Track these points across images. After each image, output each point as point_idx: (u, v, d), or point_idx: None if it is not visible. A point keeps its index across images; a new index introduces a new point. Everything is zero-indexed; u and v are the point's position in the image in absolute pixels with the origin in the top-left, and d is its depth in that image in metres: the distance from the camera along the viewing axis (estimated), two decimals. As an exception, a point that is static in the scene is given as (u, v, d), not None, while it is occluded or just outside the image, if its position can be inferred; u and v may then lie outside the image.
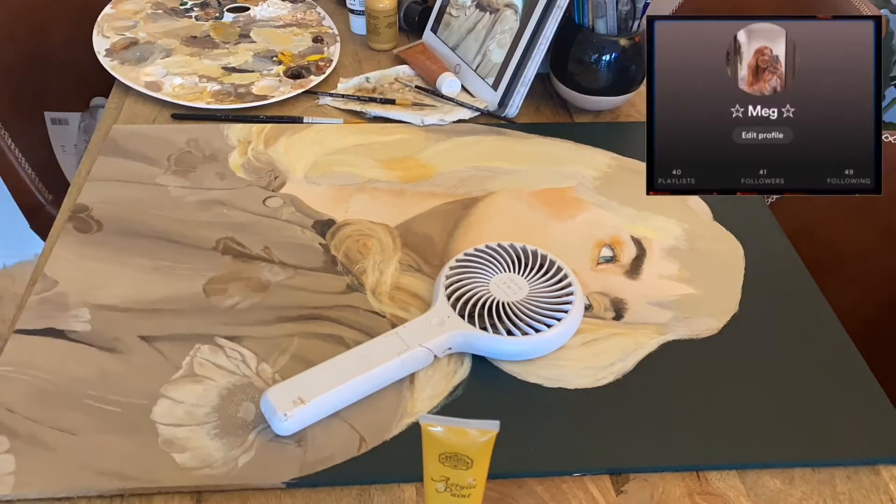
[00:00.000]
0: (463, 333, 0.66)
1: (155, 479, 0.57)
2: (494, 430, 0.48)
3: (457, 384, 0.65)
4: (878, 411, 0.65)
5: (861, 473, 0.61)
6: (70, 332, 0.67)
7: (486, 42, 0.99)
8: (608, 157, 0.92)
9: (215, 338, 0.67)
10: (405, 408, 0.63)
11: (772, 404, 0.65)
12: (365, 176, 0.87)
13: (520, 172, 0.89)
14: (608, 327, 0.71)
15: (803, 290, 0.76)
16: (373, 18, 1.10)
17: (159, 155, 0.88)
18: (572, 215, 0.83)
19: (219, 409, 0.61)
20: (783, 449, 0.62)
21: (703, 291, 0.75)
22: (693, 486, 0.59)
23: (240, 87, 0.99)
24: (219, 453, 0.58)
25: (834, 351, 0.70)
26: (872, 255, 0.91)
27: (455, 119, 0.96)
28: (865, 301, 0.89)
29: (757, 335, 0.71)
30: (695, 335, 0.71)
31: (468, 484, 0.50)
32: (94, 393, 0.62)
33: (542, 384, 0.65)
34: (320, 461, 0.58)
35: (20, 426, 0.59)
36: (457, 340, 0.66)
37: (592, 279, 0.75)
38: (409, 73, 1.06)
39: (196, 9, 1.16)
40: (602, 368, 0.67)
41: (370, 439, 0.60)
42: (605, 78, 0.97)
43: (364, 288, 0.73)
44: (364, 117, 0.97)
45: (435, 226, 0.80)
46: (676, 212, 0.84)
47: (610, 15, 0.95)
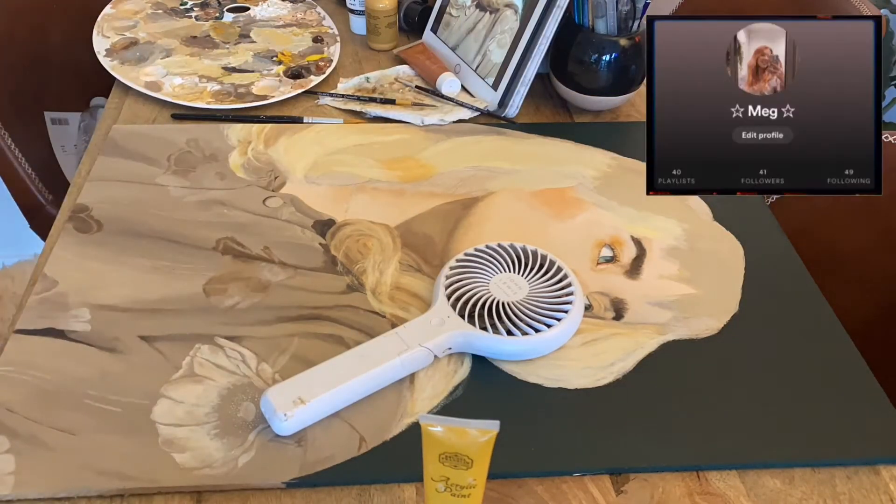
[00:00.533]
0: (463, 333, 0.66)
1: (155, 479, 0.57)
2: (494, 430, 0.48)
3: (457, 384, 0.65)
4: (878, 411, 0.65)
5: (861, 473, 0.61)
6: (70, 332, 0.67)
7: (486, 42, 0.99)
8: (608, 157, 0.92)
9: (215, 338, 0.67)
10: (405, 408, 0.63)
11: (772, 404, 0.65)
12: (365, 176, 0.87)
13: (520, 172, 0.89)
14: (608, 327, 0.71)
15: (803, 290, 0.76)
16: (373, 18, 1.10)
17: (159, 155, 0.88)
18: (572, 215, 0.83)
19: (219, 409, 0.61)
20: (783, 449, 0.62)
21: (703, 291, 0.75)
22: (693, 486, 0.59)
23: (240, 87, 0.99)
24: (219, 453, 0.58)
25: (834, 351, 0.70)
26: (872, 254, 0.91)
27: (455, 119, 0.96)
28: (865, 301, 0.89)
29: (757, 335, 0.71)
30: (695, 335, 0.71)
31: (468, 484, 0.50)
32: (94, 393, 0.62)
33: (542, 384, 0.65)
34: (320, 461, 0.58)
35: (20, 426, 0.59)
36: (457, 340, 0.66)
37: (592, 279, 0.75)
38: (409, 73, 1.06)
39: (196, 9, 1.16)
40: (602, 368, 0.67)
41: (370, 439, 0.60)
42: (605, 78, 0.97)
43: (364, 288, 0.73)
44: (364, 117, 0.97)
45: (435, 226, 0.80)
46: (676, 212, 0.84)
47: (610, 15, 0.95)
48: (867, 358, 0.70)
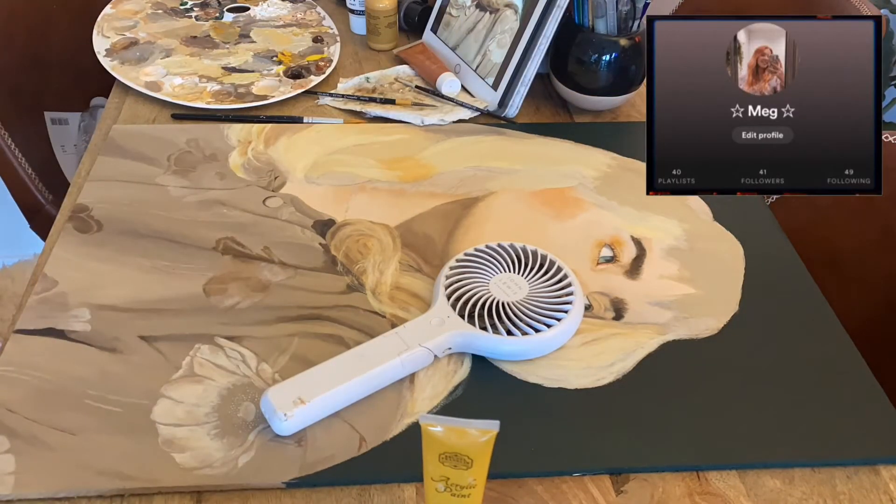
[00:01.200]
0: (463, 333, 0.66)
1: (155, 479, 0.57)
2: (494, 430, 0.48)
3: (457, 384, 0.65)
4: (878, 411, 0.65)
5: (861, 473, 0.61)
6: (70, 332, 0.67)
7: (486, 42, 0.99)
8: (608, 157, 0.92)
9: (215, 338, 0.67)
10: (405, 408, 0.63)
11: (771, 404, 0.65)
12: (365, 176, 0.87)
13: (520, 172, 0.89)
14: (608, 327, 0.71)
15: (803, 290, 0.76)
16: (373, 18, 1.10)
17: (159, 155, 0.88)
18: (572, 215, 0.83)
19: (219, 409, 0.61)
20: (783, 449, 0.62)
21: (704, 291, 0.75)
22: (693, 486, 0.59)
23: (240, 87, 0.99)
24: (219, 453, 0.58)
25: (834, 351, 0.70)
26: (872, 255, 0.91)
27: (455, 119, 0.96)
28: (865, 301, 0.89)
29: (757, 335, 0.71)
30: (695, 335, 0.71)
31: (468, 484, 0.50)
32: (94, 393, 0.62)
33: (542, 384, 0.65)
34: (320, 461, 0.58)
35: (20, 426, 0.59)
36: (457, 340, 0.66)
37: (592, 279, 0.75)
38: (409, 74, 1.06)
39: (196, 9, 1.16)
40: (602, 368, 0.67)
41: (370, 439, 0.60)
42: (605, 78, 0.97)
43: (364, 288, 0.73)
44: (364, 117, 0.97)
45: (435, 226, 0.80)
46: (676, 212, 0.84)
47: (610, 15, 0.95)
48: (867, 358, 0.70)
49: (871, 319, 0.86)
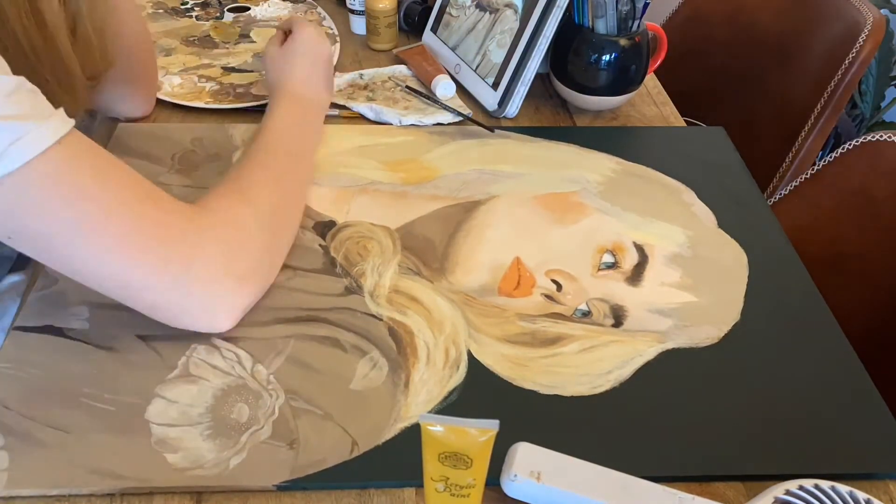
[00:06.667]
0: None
1: (147, 479, 0.57)
2: (494, 430, 0.49)
3: (451, 389, 0.64)
4: (880, 425, 0.64)
5: (862, 485, 0.60)
6: (68, 330, 0.67)
7: (485, 42, 0.98)
8: (613, 161, 0.91)
9: (211, 338, 0.67)
10: (399, 412, 0.62)
11: (772, 416, 0.64)
12: (368, 177, 0.87)
13: (524, 176, 0.88)
14: (607, 334, 0.70)
15: (807, 300, 0.75)
16: (373, 18, 1.10)
17: (163, 153, 0.88)
18: (575, 220, 0.83)
19: (212, 410, 0.61)
20: (783, 462, 0.61)
21: (705, 299, 0.74)
22: (695, 491, 0.58)
23: (238, 87, 1.00)
24: (211, 454, 0.58)
25: (836, 363, 0.69)
26: (872, 254, 0.90)
27: (433, 122, 0.96)
28: (867, 304, 0.88)
29: (758, 345, 0.70)
30: (695, 344, 0.70)
31: (468, 484, 0.50)
32: (89, 391, 0.62)
33: (537, 391, 0.65)
34: (311, 464, 0.58)
35: (15, 423, 0.60)
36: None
37: (593, 285, 0.75)
38: (404, 73, 1.05)
39: (196, 9, 1.16)
40: (599, 376, 0.66)
41: (362, 443, 0.60)
42: (605, 78, 0.97)
43: (362, 290, 0.73)
44: (350, 110, 0.97)
45: (436, 229, 0.80)
46: (680, 218, 0.83)
47: (610, 15, 0.94)
48: (868, 360, 0.68)
49: (873, 320, 0.86)
